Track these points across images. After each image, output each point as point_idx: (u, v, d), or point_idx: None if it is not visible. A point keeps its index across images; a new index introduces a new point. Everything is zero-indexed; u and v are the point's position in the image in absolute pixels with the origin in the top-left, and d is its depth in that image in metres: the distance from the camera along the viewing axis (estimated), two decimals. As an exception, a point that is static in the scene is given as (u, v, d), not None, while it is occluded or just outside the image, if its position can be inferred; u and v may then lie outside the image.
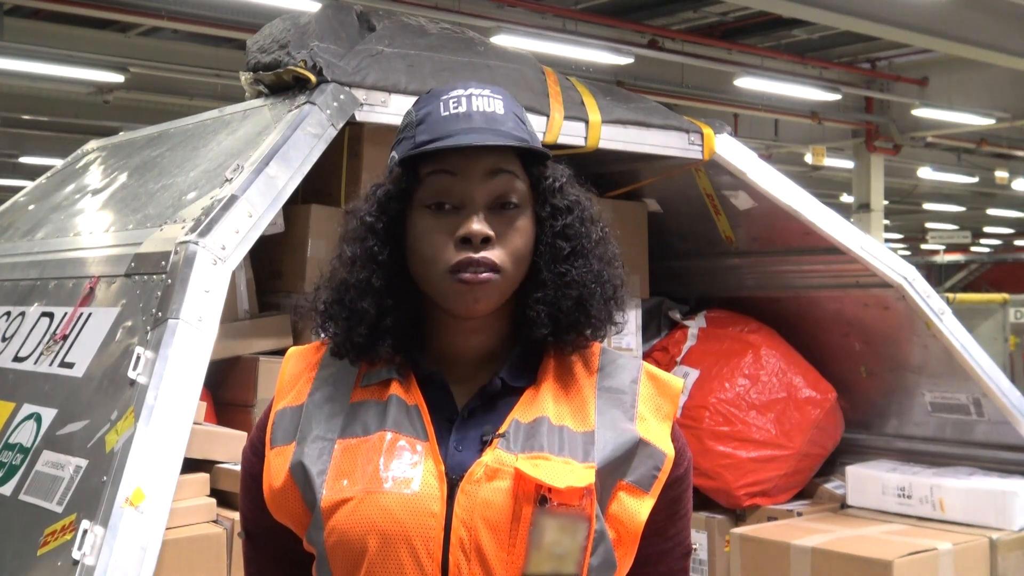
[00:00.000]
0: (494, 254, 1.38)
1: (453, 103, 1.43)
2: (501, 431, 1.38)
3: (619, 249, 1.50)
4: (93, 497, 2.12)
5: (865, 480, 4.15)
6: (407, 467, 1.35)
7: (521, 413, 1.40)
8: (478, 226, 1.37)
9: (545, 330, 1.43)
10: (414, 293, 1.45)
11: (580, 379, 1.45)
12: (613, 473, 1.38)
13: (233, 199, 2.50)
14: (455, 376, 1.45)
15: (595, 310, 1.44)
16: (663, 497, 1.42)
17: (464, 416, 1.41)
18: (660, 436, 1.43)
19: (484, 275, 1.37)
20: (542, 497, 1.31)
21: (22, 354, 2.70)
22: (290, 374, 1.53)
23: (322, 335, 1.53)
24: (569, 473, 1.33)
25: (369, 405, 1.42)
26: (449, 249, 1.38)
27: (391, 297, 1.44)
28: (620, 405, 1.43)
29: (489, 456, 1.36)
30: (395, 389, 1.43)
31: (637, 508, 1.39)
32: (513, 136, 1.41)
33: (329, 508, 1.35)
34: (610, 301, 1.46)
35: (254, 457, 1.49)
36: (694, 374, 4.22)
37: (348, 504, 1.34)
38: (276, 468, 1.42)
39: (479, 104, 1.42)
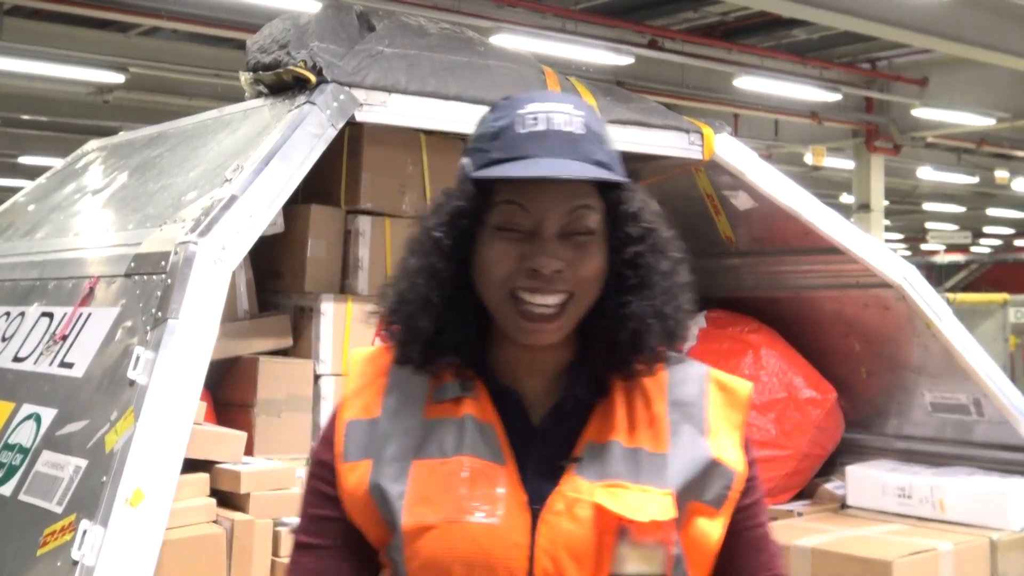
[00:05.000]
0: (564, 283, 1.35)
1: (531, 119, 1.37)
2: (577, 454, 1.37)
3: (689, 278, 1.44)
4: (93, 497, 2.12)
5: (865, 480, 4.15)
6: (489, 495, 1.34)
7: (595, 433, 1.38)
8: (547, 259, 1.33)
9: (600, 358, 1.40)
10: (480, 308, 1.40)
11: (651, 393, 1.42)
12: (688, 495, 1.36)
13: (233, 199, 2.50)
14: (526, 390, 1.42)
15: (649, 345, 1.39)
16: (738, 512, 1.42)
17: (539, 435, 1.39)
18: (730, 451, 1.40)
19: (550, 313, 1.34)
20: (623, 528, 1.30)
21: (22, 354, 2.70)
22: (358, 382, 1.47)
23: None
24: (649, 503, 1.32)
25: (444, 424, 1.39)
26: (517, 276, 1.35)
27: (454, 311, 1.40)
28: (691, 419, 1.41)
29: (568, 485, 1.34)
30: (468, 407, 1.39)
31: (710, 529, 1.38)
32: (592, 162, 1.36)
33: (411, 533, 1.34)
34: (669, 336, 1.41)
35: (323, 470, 1.43)
36: (694, 374, 4.22)
37: (432, 532, 1.33)
38: (352, 483, 1.39)
39: (559, 122, 1.36)
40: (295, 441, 3.39)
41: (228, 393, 3.39)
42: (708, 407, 1.42)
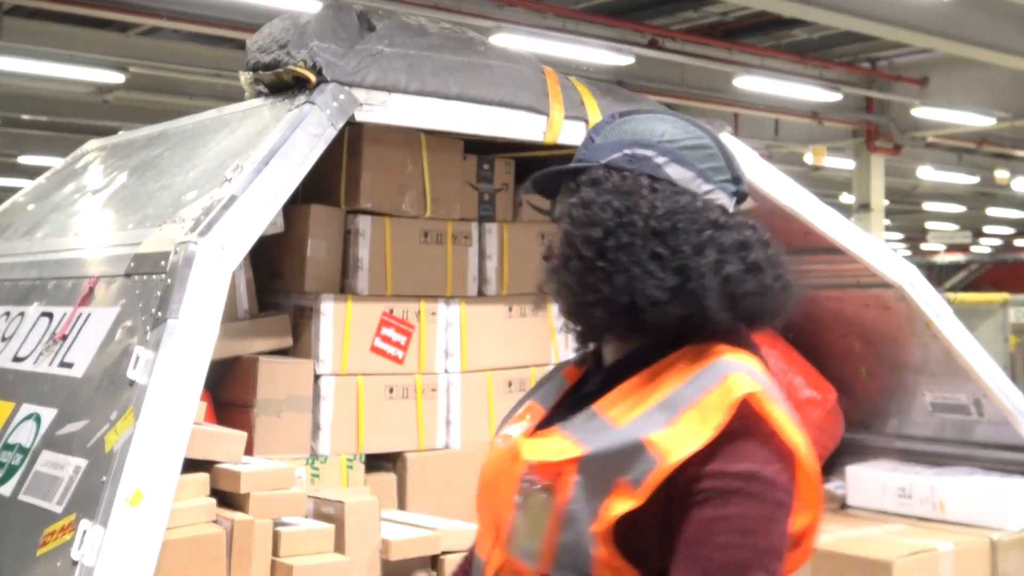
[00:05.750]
0: None
1: None
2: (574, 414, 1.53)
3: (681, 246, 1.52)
4: (93, 497, 2.12)
5: (865, 480, 4.15)
6: (516, 427, 1.59)
7: (599, 401, 1.50)
8: None
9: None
10: None
11: (667, 382, 1.46)
12: (610, 468, 1.38)
13: (233, 199, 2.50)
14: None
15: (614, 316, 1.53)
16: (667, 505, 1.38)
17: (575, 399, 1.56)
18: (676, 442, 1.37)
19: None
20: (527, 469, 1.46)
21: (22, 354, 2.70)
22: None
23: None
24: (548, 449, 1.44)
25: (551, 380, 1.69)
26: None
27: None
28: (670, 410, 1.41)
29: (521, 429, 1.57)
30: (569, 371, 1.67)
31: (617, 506, 1.37)
32: (574, 161, 1.60)
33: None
34: (643, 309, 1.52)
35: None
36: (694, 374, 4.22)
37: (488, 452, 1.63)
38: None
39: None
40: (295, 441, 3.39)
41: (228, 393, 3.39)
42: (697, 403, 1.41)
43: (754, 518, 1.35)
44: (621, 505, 1.37)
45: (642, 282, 1.47)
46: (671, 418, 1.40)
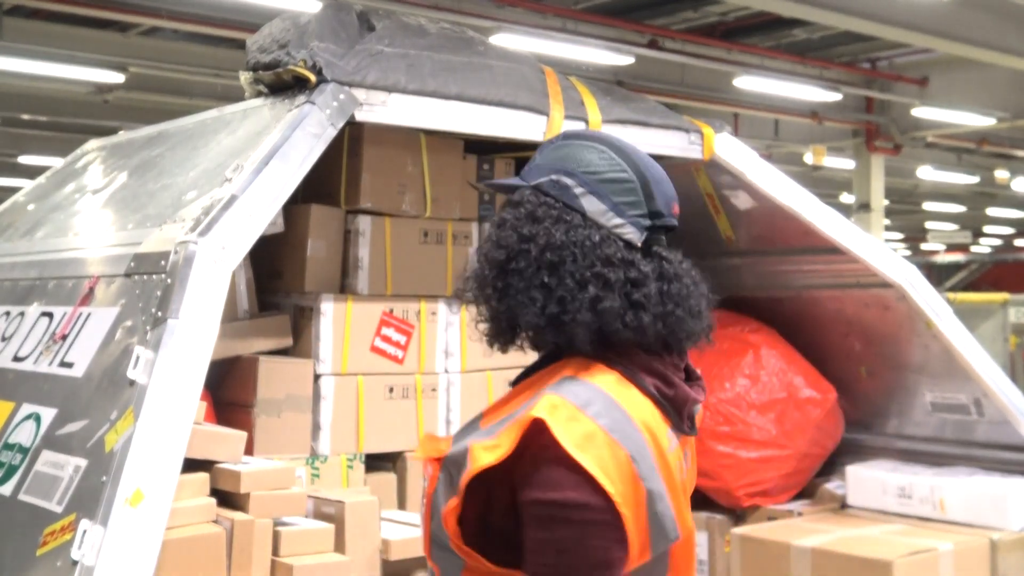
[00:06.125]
0: None
1: None
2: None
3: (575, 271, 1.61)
4: (93, 497, 2.12)
5: (865, 480, 4.15)
6: None
7: (487, 408, 1.68)
8: None
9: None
10: None
11: (524, 395, 1.63)
12: (455, 467, 1.57)
13: (233, 199, 2.50)
14: None
15: (529, 334, 1.67)
16: (486, 509, 1.55)
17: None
18: (483, 453, 1.53)
19: None
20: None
21: (22, 354, 2.70)
22: None
23: None
24: (434, 449, 1.63)
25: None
26: None
27: None
28: (507, 422, 1.56)
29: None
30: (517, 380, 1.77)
31: (450, 503, 1.56)
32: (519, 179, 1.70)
33: None
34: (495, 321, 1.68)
35: None
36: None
37: None
38: None
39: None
40: (295, 441, 3.39)
41: (228, 393, 3.39)
42: (516, 419, 1.54)
43: (568, 539, 1.49)
44: (452, 502, 1.56)
45: (524, 307, 1.60)
46: (500, 430, 1.56)
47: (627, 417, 1.55)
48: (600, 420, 1.52)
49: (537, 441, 1.50)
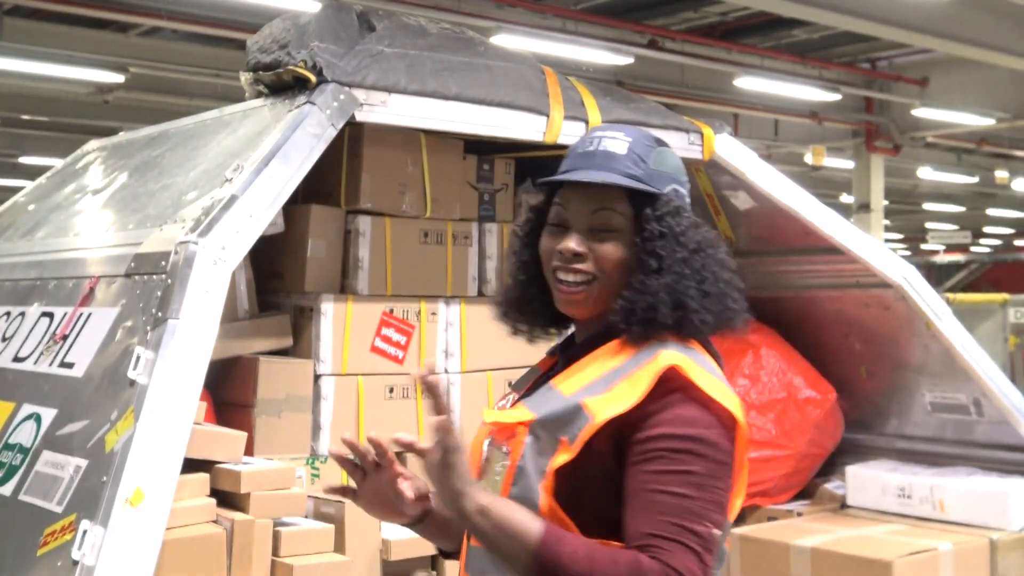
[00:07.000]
0: (584, 266, 1.73)
1: (589, 142, 1.80)
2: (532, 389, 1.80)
3: (720, 266, 1.75)
4: (93, 497, 2.12)
5: (865, 480, 4.15)
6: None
7: (558, 378, 1.74)
8: (571, 244, 1.73)
9: (618, 320, 1.71)
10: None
11: (610, 359, 1.70)
12: (553, 429, 1.64)
13: (233, 199, 2.50)
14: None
15: (661, 315, 1.68)
16: (608, 461, 1.62)
17: (544, 381, 1.79)
18: (604, 404, 1.62)
19: (577, 288, 1.73)
20: (490, 433, 1.73)
21: (22, 354, 2.70)
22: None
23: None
24: (511, 416, 1.70)
25: (530, 370, 1.90)
26: (555, 258, 1.75)
27: (533, 288, 1.83)
28: (609, 380, 1.66)
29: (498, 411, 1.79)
30: (544, 360, 1.88)
31: (558, 459, 1.62)
32: (625, 175, 1.73)
33: None
34: (680, 308, 1.69)
35: None
36: (694, 374, 4.22)
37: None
38: None
39: (606, 145, 1.77)
40: (295, 441, 3.39)
41: (228, 393, 3.39)
42: (631, 376, 1.65)
43: (702, 474, 1.59)
44: (560, 458, 1.62)
45: (685, 293, 1.71)
46: (608, 387, 1.65)
47: (726, 381, 1.72)
48: (717, 375, 1.70)
49: (668, 386, 1.62)
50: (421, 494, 1.81)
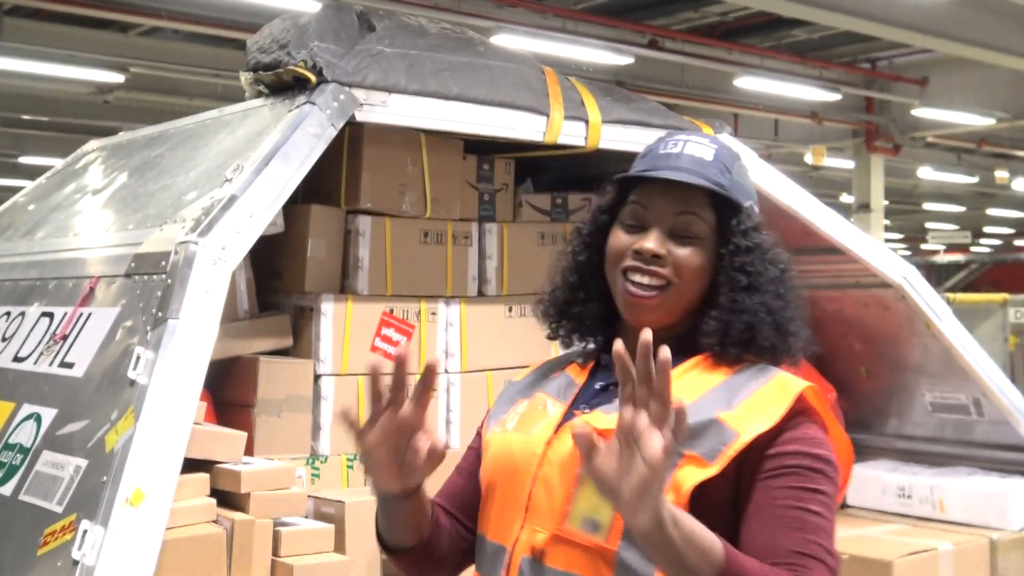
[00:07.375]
0: (663, 270, 1.64)
1: (672, 143, 1.72)
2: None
3: (800, 290, 1.76)
4: (93, 497, 2.12)
5: (865, 480, 4.15)
6: (540, 422, 1.68)
7: None
8: (651, 244, 1.64)
9: (712, 340, 1.65)
10: (607, 290, 1.72)
11: (708, 374, 1.64)
12: (695, 441, 1.53)
13: (233, 199, 2.50)
14: None
15: (762, 336, 1.66)
16: (733, 478, 1.55)
17: (600, 390, 1.70)
18: (743, 421, 1.55)
19: (651, 293, 1.63)
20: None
21: (22, 354, 2.70)
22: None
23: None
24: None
25: (554, 378, 1.77)
26: (627, 257, 1.65)
27: (584, 291, 1.74)
28: (725, 398, 1.59)
29: (579, 418, 1.63)
30: (572, 368, 1.76)
31: (691, 474, 1.52)
32: (711, 181, 1.66)
33: (485, 443, 1.76)
34: (779, 330, 1.68)
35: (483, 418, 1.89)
36: (694, 374, 4.23)
37: (492, 439, 1.74)
38: (483, 426, 1.84)
39: (691, 148, 1.70)
40: (295, 441, 3.39)
41: (228, 393, 3.39)
42: (753, 393, 1.60)
43: (831, 495, 1.57)
44: (695, 476, 1.52)
45: (782, 315, 1.72)
46: (733, 402, 1.58)
47: None
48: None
49: (795, 407, 1.59)
50: (429, 460, 1.62)
